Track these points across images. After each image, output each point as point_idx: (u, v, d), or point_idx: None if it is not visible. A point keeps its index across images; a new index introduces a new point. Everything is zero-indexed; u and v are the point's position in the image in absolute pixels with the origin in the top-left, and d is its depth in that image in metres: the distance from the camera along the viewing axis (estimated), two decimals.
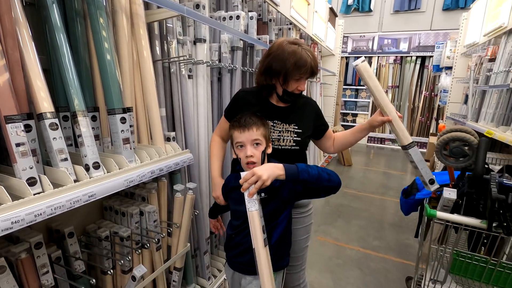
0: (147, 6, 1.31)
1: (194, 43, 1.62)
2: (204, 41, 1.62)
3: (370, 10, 6.73)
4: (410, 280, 2.04)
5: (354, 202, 3.65)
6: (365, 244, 2.67)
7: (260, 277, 0.98)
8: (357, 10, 6.86)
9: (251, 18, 1.97)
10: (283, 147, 1.22)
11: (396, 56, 6.83)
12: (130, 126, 1.11)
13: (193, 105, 1.65)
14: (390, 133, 7.06)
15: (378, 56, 6.96)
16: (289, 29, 2.93)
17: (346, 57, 7.10)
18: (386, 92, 6.94)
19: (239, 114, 1.14)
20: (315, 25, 3.54)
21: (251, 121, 1.06)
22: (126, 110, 1.09)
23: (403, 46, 6.96)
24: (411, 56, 6.66)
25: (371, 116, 6.35)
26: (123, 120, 1.06)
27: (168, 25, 1.46)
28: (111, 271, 1.18)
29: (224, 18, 1.80)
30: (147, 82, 1.22)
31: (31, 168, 0.80)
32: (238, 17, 1.76)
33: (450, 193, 1.20)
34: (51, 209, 0.78)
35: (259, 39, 2.13)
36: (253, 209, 0.96)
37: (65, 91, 0.98)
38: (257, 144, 1.07)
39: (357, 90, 7.33)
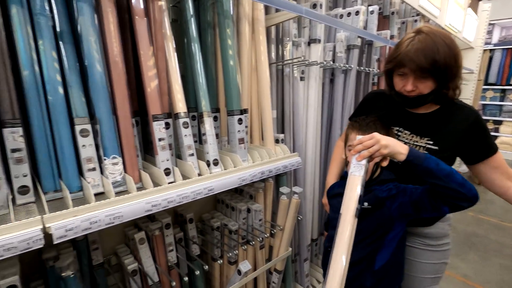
0: (266, 11, 1.35)
1: (309, 44, 1.59)
2: (319, 41, 1.56)
3: None
4: None
5: (493, 234, 2.86)
6: None
7: (334, 248, 0.81)
8: None
9: (372, 12, 1.79)
10: None
11: None
12: (246, 127, 1.17)
13: (303, 107, 1.62)
14: None
15: None
16: (415, 21, 2.53)
17: (490, 50, 5.68)
18: None
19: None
20: (449, 14, 2.94)
21: (373, 126, 0.93)
22: (243, 111, 1.15)
23: None
24: None
25: None
26: (240, 121, 1.12)
27: (284, 27, 1.47)
28: (220, 261, 1.27)
29: (342, 16, 1.69)
30: (263, 85, 1.25)
31: (167, 160, 0.93)
32: (357, 12, 1.62)
33: None
34: (179, 198, 0.88)
35: (378, 35, 1.92)
36: (356, 173, 0.83)
37: (195, 94, 1.10)
38: None
39: (503, 90, 5.77)
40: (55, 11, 0.79)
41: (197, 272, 1.13)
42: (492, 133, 5.94)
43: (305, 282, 1.72)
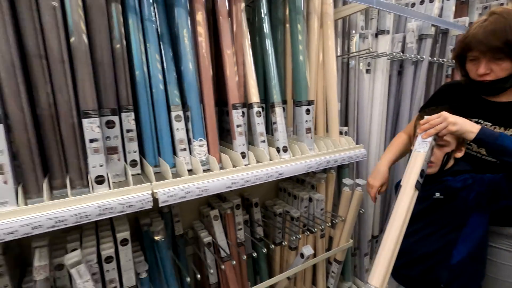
0: (334, 4, 1.38)
1: (376, 35, 1.56)
2: (388, 32, 1.53)
3: None
4: None
5: None
6: None
7: (391, 217, 0.80)
8: None
9: None
10: (483, 156, 0.96)
11: None
12: (312, 117, 1.22)
13: (368, 100, 1.60)
14: None
15: None
16: (501, 4, 2.26)
17: None
18: None
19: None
20: None
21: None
22: (310, 102, 1.20)
23: None
24: None
25: None
26: (307, 112, 1.18)
27: (351, 20, 1.48)
28: (284, 242, 1.35)
29: (413, 4, 1.62)
30: (330, 78, 1.29)
31: (243, 145, 1.04)
32: (431, 0, 1.54)
33: None
34: (254, 178, 0.98)
35: (455, 22, 1.78)
36: (421, 150, 0.84)
37: (265, 86, 1.20)
38: (441, 145, 0.91)
39: None
40: (157, 16, 0.95)
41: (264, 250, 1.22)
42: None
43: (365, 277, 1.70)
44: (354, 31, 1.49)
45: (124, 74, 0.88)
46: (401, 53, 1.58)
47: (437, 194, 0.93)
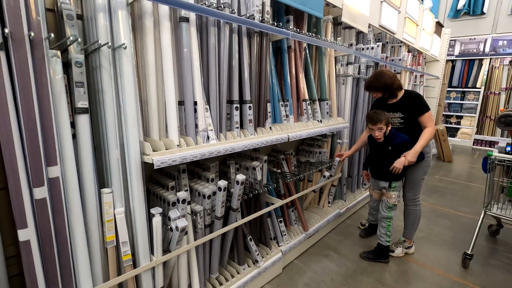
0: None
1: (347, 64, 2.92)
2: (352, 63, 2.90)
3: (482, 13, 6.81)
4: (491, 226, 2.84)
5: (450, 186, 4.33)
6: (457, 209, 3.46)
7: None
8: (468, 14, 7.02)
9: (378, 46, 3.14)
10: (398, 126, 2.35)
11: None
12: (329, 107, 2.46)
13: (343, 99, 2.94)
14: (501, 135, 6.91)
15: (491, 58, 6.93)
16: (400, 46, 3.94)
17: (452, 61, 7.30)
18: (499, 94, 6.86)
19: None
20: (421, 40, 4.40)
21: (377, 118, 2.19)
22: (327, 99, 2.45)
23: None
24: None
25: (479, 119, 6.38)
26: (327, 104, 2.43)
27: (337, 57, 2.79)
28: (315, 170, 2.57)
29: (363, 49, 3.03)
30: (332, 87, 2.56)
31: (306, 118, 2.22)
32: (372, 48, 2.97)
33: (501, 142, 2.12)
34: (314, 132, 2.17)
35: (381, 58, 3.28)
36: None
37: (311, 91, 2.39)
38: (381, 129, 2.23)
39: (463, 92, 7.41)
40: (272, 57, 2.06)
41: (296, 178, 2.42)
42: (455, 126, 7.58)
43: (344, 197, 3.05)
44: (339, 62, 2.80)
45: (269, 87, 1.96)
46: (357, 74, 2.97)
47: (390, 148, 2.26)
